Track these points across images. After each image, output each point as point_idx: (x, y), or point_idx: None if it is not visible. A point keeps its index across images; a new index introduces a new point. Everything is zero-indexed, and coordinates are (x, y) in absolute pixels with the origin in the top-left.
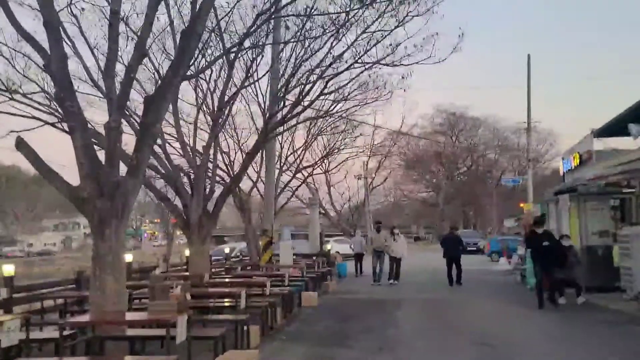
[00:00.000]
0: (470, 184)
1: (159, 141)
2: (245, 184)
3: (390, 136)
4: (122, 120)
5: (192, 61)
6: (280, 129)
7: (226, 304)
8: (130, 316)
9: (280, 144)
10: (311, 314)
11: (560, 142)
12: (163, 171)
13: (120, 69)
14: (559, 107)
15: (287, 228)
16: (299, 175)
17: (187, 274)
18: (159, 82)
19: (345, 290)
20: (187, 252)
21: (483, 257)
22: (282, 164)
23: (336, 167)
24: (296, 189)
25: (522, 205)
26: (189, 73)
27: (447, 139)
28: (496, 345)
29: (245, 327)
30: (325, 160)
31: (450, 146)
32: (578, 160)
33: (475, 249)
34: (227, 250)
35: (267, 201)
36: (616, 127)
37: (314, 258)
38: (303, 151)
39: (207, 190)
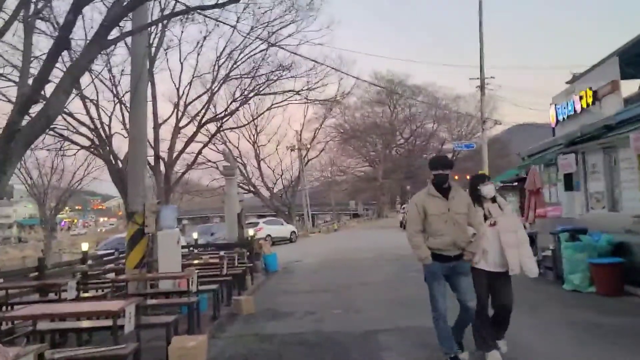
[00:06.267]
0: (409, 156)
1: None
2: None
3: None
4: None
5: None
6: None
7: None
8: None
9: (177, 87)
10: None
11: (502, 107)
12: None
13: None
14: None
15: (170, 208)
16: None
17: None
18: None
19: (268, 310)
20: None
21: None
22: (179, 115)
23: (264, 112)
24: (202, 149)
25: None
26: None
27: (384, 108)
28: None
29: None
30: (243, 107)
31: (388, 116)
32: (590, 99)
33: None
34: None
35: (133, 163)
36: None
37: (221, 253)
38: (211, 95)
39: None
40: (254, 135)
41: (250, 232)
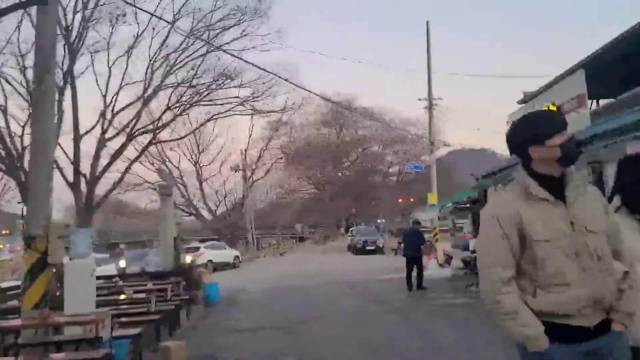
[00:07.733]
0: (356, 178)
1: None
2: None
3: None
4: None
5: None
6: None
7: None
8: None
9: (103, 94)
10: None
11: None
12: None
13: None
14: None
15: (83, 232)
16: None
17: None
18: None
19: (205, 358)
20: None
21: (384, 258)
22: (105, 125)
23: (206, 122)
24: (131, 163)
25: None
26: None
27: (331, 130)
28: None
29: None
30: (182, 119)
31: (335, 139)
32: None
33: (373, 248)
34: None
35: (34, 173)
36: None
37: (149, 284)
38: (143, 103)
39: None
40: (196, 155)
41: (188, 258)
